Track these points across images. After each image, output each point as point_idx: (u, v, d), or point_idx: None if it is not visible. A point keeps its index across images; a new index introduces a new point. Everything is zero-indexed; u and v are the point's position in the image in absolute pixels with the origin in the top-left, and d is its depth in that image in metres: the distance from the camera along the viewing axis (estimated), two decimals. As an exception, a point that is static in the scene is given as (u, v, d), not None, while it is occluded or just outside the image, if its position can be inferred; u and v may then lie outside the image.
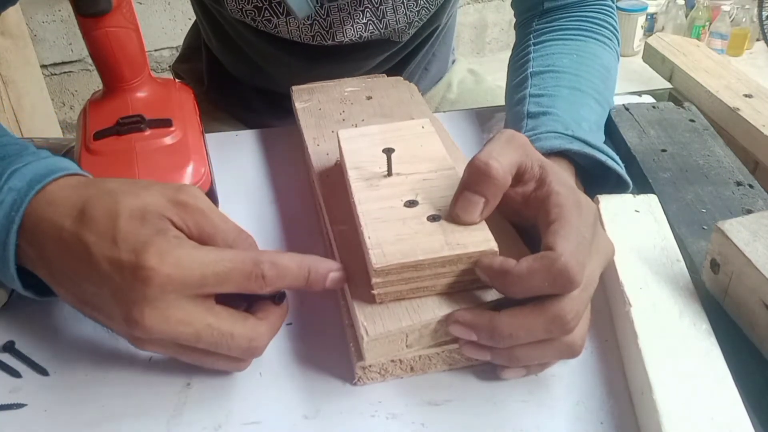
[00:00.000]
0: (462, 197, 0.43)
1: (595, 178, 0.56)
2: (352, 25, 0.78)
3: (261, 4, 0.75)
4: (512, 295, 0.41)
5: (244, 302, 0.44)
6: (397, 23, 0.79)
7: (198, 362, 0.43)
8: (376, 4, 0.76)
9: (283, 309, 0.44)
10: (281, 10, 0.76)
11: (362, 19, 0.77)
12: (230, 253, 0.40)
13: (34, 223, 0.42)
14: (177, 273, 0.39)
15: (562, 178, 0.44)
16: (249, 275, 0.40)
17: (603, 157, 0.54)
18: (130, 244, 0.39)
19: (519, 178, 0.44)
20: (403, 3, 0.78)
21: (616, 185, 0.56)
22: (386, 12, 0.78)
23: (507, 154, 0.43)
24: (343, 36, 0.78)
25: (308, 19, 0.76)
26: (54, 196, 0.43)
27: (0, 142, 0.47)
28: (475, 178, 0.43)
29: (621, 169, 0.55)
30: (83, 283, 0.41)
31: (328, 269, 0.43)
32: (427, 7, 0.80)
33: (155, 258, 0.38)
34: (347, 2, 0.75)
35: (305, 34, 0.78)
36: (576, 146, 0.54)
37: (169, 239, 0.40)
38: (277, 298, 0.44)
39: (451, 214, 0.44)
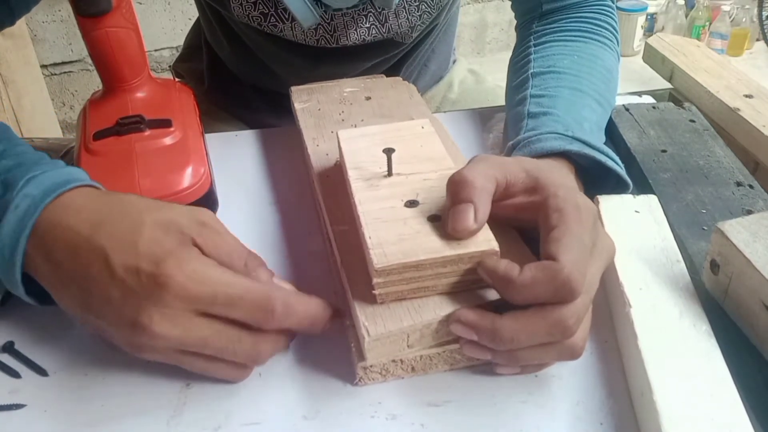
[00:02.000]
0: (451, 212, 0.43)
1: (596, 179, 0.56)
2: (356, 30, 0.78)
3: (267, 11, 0.76)
4: (513, 301, 0.41)
5: None
6: (399, 27, 0.79)
7: (198, 369, 0.43)
8: (379, 9, 0.77)
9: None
10: (287, 16, 0.76)
11: (365, 23, 0.78)
12: (245, 280, 0.41)
13: (45, 229, 0.43)
14: (191, 285, 0.39)
15: (556, 180, 0.44)
16: (259, 306, 0.41)
17: (603, 158, 0.54)
18: (152, 254, 0.40)
19: (507, 191, 0.45)
20: (404, 8, 0.78)
21: (616, 186, 0.56)
22: (388, 17, 0.78)
23: (477, 167, 0.44)
24: (347, 39, 0.79)
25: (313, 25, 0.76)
26: (69, 203, 0.44)
27: (17, 150, 0.48)
28: (454, 190, 0.43)
29: (621, 170, 0.55)
30: (91, 287, 0.41)
31: (325, 319, 0.44)
32: (428, 11, 0.80)
33: (174, 267, 0.39)
34: (351, 9, 0.75)
35: (310, 38, 0.79)
36: (576, 147, 0.54)
37: (190, 251, 0.41)
38: None
39: (449, 232, 0.43)
